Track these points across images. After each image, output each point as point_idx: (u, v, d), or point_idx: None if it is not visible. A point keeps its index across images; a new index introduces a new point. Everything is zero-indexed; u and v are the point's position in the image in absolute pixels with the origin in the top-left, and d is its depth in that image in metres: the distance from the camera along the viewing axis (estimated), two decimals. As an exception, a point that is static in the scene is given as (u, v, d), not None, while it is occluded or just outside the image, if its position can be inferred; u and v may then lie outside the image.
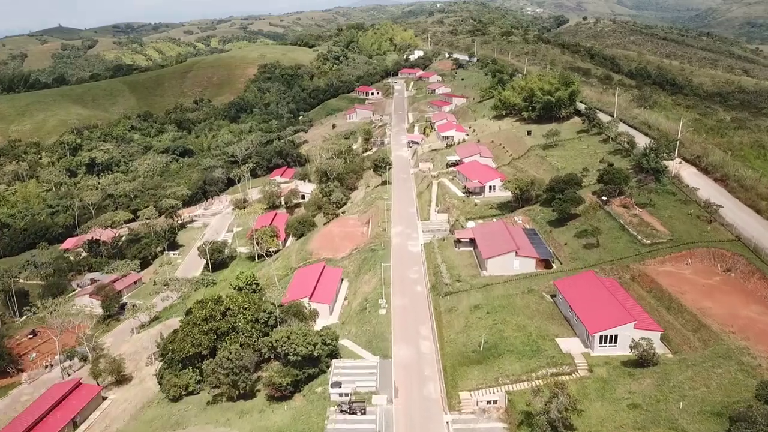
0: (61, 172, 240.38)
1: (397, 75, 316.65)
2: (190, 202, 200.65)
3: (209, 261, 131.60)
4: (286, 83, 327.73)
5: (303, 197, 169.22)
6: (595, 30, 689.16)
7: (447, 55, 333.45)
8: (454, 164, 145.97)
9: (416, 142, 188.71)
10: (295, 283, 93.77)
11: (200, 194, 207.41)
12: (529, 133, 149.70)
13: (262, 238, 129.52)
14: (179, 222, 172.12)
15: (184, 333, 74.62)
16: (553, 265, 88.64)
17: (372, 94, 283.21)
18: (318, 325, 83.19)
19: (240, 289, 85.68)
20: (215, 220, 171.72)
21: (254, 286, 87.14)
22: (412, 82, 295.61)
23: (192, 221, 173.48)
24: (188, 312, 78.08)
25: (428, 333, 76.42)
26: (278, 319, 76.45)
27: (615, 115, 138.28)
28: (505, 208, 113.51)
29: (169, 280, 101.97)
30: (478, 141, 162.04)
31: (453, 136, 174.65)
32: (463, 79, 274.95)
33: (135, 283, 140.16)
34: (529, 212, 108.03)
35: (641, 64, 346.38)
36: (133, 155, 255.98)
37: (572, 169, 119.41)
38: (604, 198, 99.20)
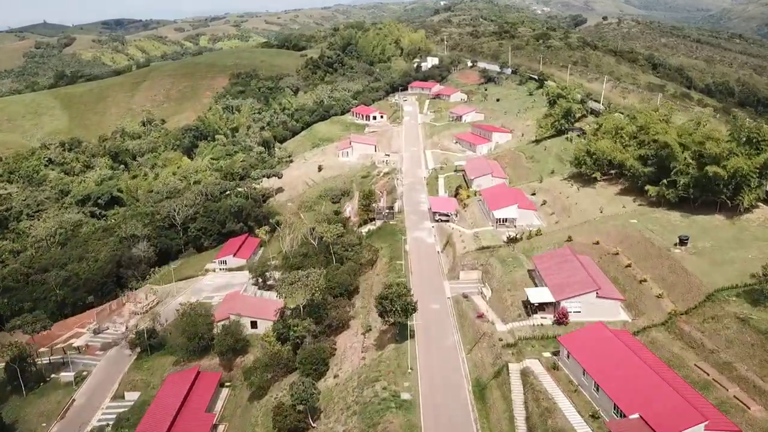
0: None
1: (406, 90, 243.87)
2: (90, 298, 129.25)
3: None
4: (264, 99, 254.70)
5: (255, 325, 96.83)
6: (621, 31, 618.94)
7: (470, 64, 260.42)
8: (542, 307, 73.35)
9: (446, 216, 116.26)
10: None
11: (111, 284, 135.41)
12: (683, 242, 76.39)
13: None
14: (41, 361, 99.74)
15: None
16: None
17: (374, 117, 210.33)
18: None
19: None
20: (103, 366, 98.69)
21: None
22: (427, 101, 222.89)
23: (64, 362, 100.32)
24: None
25: None
26: None
27: None
28: None
29: None
30: (569, 240, 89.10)
31: (515, 219, 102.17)
32: (498, 100, 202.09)
33: None
34: None
35: (715, 77, 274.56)
36: (42, 203, 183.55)
37: None
38: None
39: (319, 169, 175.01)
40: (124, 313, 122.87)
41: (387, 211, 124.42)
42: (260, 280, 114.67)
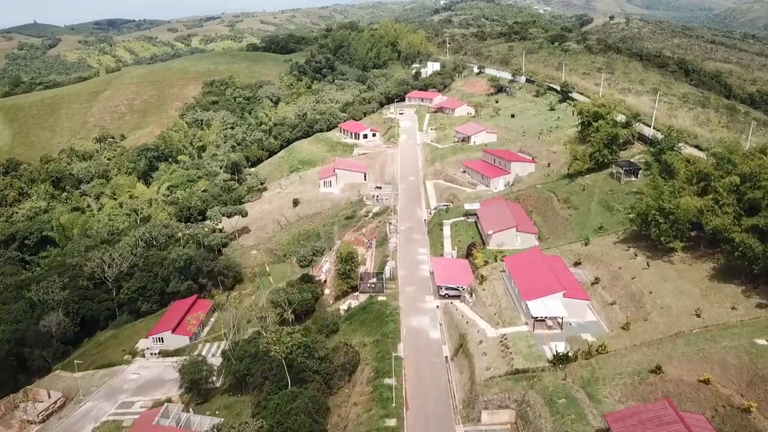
0: None
1: (403, 100, 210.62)
2: None
3: None
4: (239, 110, 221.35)
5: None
6: (630, 31, 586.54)
7: (477, 70, 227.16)
8: None
9: (456, 291, 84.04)
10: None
11: (8, 370, 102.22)
12: None
13: None
14: None
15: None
16: None
17: (365, 136, 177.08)
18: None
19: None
20: None
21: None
22: (427, 116, 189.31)
23: None
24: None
25: None
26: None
27: None
28: None
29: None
30: (657, 371, 55.57)
31: (561, 317, 68.57)
32: (513, 116, 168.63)
33: None
34: None
35: (757, 84, 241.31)
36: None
37: None
38: None
39: (295, 203, 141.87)
40: (14, 423, 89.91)
41: (373, 282, 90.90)
42: (194, 390, 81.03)
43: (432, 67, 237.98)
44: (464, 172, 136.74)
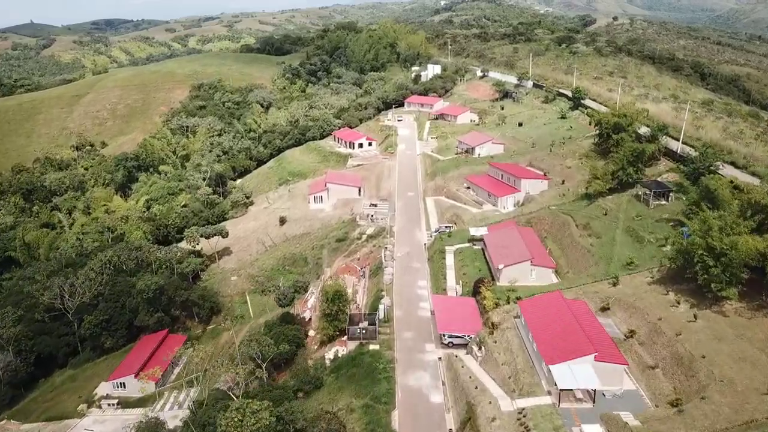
0: None
1: (401, 106, 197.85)
2: None
3: None
4: (228, 116, 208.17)
5: None
6: (635, 32, 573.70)
7: (480, 74, 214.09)
8: None
9: (460, 339, 71.49)
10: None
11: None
12: None
13: None
14: None
15: None
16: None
17: (360, 145, 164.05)
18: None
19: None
20: None
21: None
22: (427, 123, 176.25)
23: None
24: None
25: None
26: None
27: None
28: None
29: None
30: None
31: (592, 390, 55.35)
32: (521, 124, 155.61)
33: None
34: None
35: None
36: None
37: None
38: None
39: (282, 222, 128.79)
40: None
41: (364, 327, 77.70)
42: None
43: (432, 70, 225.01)
44: (468, 188, 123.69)
